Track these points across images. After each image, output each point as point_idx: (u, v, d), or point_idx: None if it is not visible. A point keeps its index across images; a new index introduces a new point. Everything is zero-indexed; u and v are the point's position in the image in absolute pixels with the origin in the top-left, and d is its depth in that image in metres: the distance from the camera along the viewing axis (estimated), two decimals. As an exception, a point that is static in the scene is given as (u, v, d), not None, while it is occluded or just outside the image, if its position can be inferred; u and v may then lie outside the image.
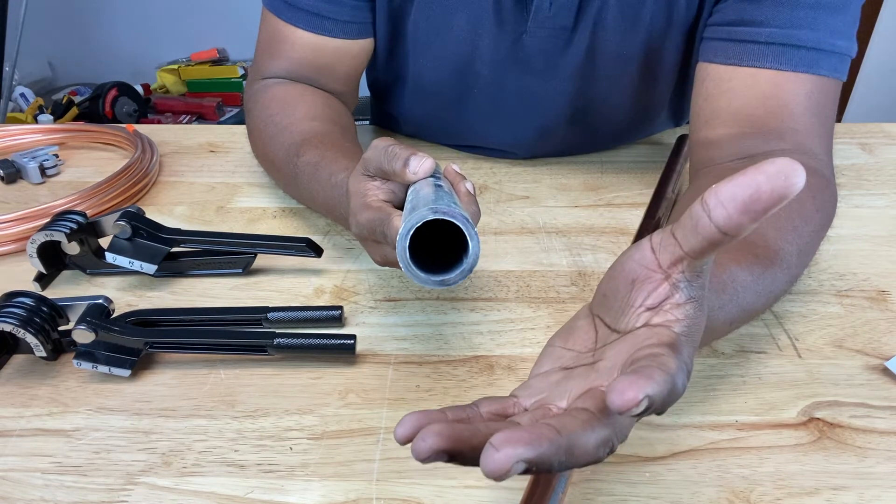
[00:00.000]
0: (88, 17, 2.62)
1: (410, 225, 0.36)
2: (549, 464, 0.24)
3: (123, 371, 0.46)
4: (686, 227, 0.28)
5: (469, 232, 0.36)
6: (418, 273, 0.37)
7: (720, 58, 0.58)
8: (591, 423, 0.26)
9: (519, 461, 0.23)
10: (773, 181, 0.24)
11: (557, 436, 0.25)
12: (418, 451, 0.25)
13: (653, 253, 0.30)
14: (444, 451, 0.25)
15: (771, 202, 0.25)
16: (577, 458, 0.25)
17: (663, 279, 0.30)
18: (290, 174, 0.61)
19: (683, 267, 0.29)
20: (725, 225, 0.26)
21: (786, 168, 0.24)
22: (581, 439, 0.25)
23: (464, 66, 0.70)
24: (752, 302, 0.42)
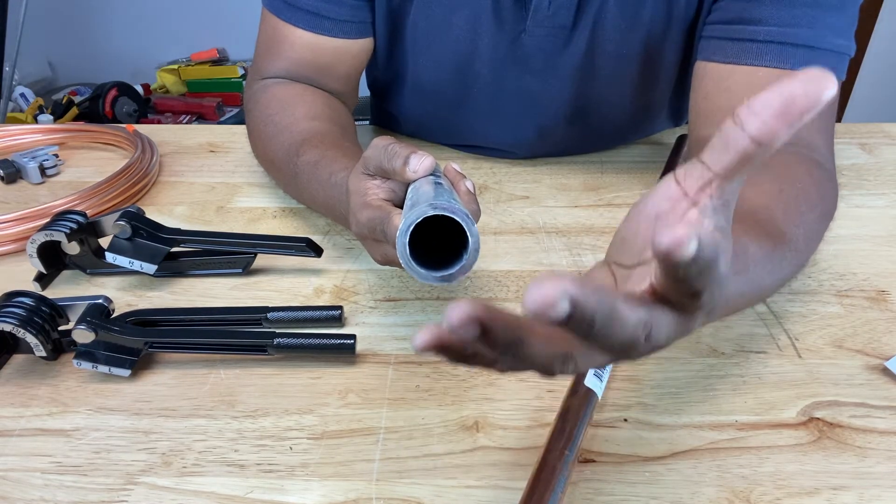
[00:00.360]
0: (88, 17, 2.62)
1: (410, 221, 0.36)
2: (592, 314, 0.22)
3: (123, 371, 0.46)
4: (716, 146, 0.27)
5: (469, 228, 0.36)
6: (419, 270, 0.37)
7: (719, 56, 0.58)
8: (630, 301, 0.25)
9: (565, 296, 0.21)
10: (807, 86, 0.24)
11: (603, 290, 0.23)
12: (450, 317, 0.22)
13: (677, 184, 0.29)
14: (478, 318, 0.22)
15: (805, 106, 0.24)
16: (617, 326, 0.24)
17: (690, 206, 0.28)
18: (290, 174, 0.61)
19: (712, 190, 0.28)
20: (760, 132, 0.25)
21: (817, 74, 0.24)
22: (623, 309, 0.24)
23: (463, 66, 0.70)
24: (762, 278, 0.41)
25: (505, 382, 0.47)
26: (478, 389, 0.46)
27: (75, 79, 2.67)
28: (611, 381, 0.46)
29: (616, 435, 0.42)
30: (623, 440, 0.42)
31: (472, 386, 0.46)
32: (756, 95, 0.25)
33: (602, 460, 0.41)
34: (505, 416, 0.44)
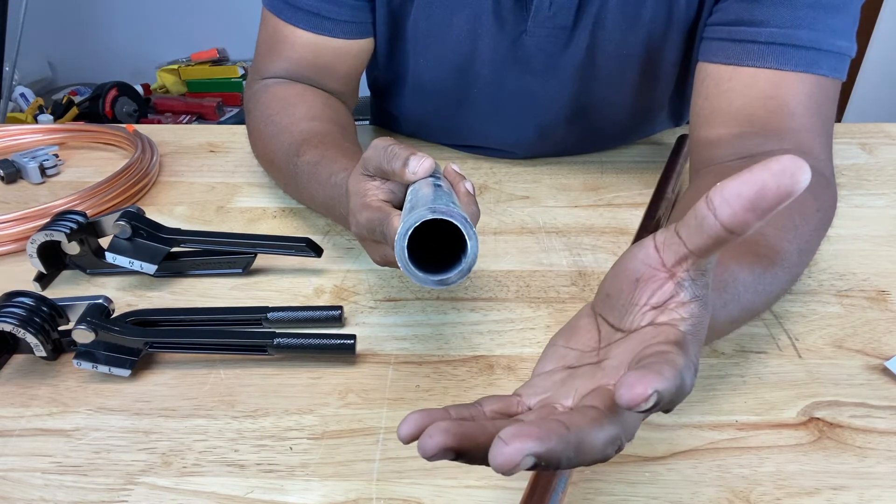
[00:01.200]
0: (88, 17, 2.62)
1: (409, 225, 0.36)
2: (558, 459, 0.24)
3: (123, 371, 0.46)
4: (691, 225, 0.28)
5: (467, 231, 0.36)
6: (417, 273, 0.37)
7: (720, 57, 0.58)
8: (599, 421, 0.26)
9: (528, 455, 0.23)
10: (779, 178, 0.24)
11: (567, 432, 0.24)
12: (425, 449, 0.25)
13: (657, 252, 0.30)
14: (451, 448, 0.25)
15: (776, 199, 0.25)
16: (586, 456, 0.25)
17: (668, 278, 0.30)
18: (289, 174, 0.61)
19: (688, 266, 0.29)
20: (731, 223, 0.26)
21: (791, 165, 0.24)
22: (590, 436, 0.25)
23: (464, 66, 0.70)
24: (752, 301, 0.42)
25: (506, 382, 0.47)
26: (478, 389, 0.46)
27: (75, 79, 2.67)
28: (611, 382, 0.46)
29: (616, 435, 0.42)
30: (623, 440, 0.42)
31: (471, 386, 0.46)
32: (728, 181, 0.26)
33: (602, 460, 0.41)
34: (505, 416, 0.44)
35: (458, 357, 0.49)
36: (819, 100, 0.56)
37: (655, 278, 0.30)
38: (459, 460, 0.25)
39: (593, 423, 0.26)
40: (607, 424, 0.26)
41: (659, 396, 0.24)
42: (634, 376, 0.24)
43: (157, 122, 2.47)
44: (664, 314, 0.30)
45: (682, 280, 0.29)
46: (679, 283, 0.29)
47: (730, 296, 0.40)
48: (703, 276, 0.29)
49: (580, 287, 0.56)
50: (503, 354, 0.49)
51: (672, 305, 0.30)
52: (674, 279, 0.29)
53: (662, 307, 0.30)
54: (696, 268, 0.29)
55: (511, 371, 0.48)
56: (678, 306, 0.29)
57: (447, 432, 0.25)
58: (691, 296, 0.29)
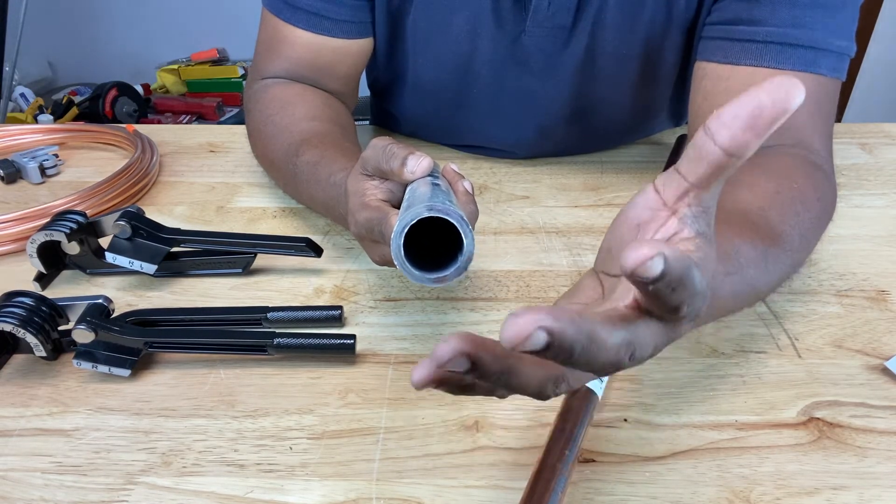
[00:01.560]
0: (88, 17, 2.62)
1: (405, 223, 0.36)
2: (571, 344, 0.22)
3: (123, 371, 0.46)
4: (690, 157, 0.27)
5: (463, 229, 0.36)
6: (413, 271, 0.37)
7: (718, 57, 0.58)
8: (612, 321, 0.25)
9: (540, 328, 0.21)
10: (774, 94, 0.24)
11: (580, 318, 0.23)
12: (439, 355, 0.23)
13: (657, 193, 0.29)
14: (465, 352, 0.24)
15: (773, 116, 0.24)
16: (599, 351, 0.24)
17: (670, 215, 0.29)
18: (289, 174, 0.61)
19: (690, 199, 0.28)
20: (730, 145, 0.25)
21: (785, 82, 0.24)
22: (603, 332, 0.24)
23: (463, 66, 0.70)
24: (756, 278, 0.41)
25: (505, 382, 0.47)
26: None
27: (75, 79, 2.67)
28: (611, 381, 0.46)
29: (616, 435, 0.42)
30: (623, 440, 0.42)
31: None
32: (724, 106, 0.25)
33: (602, 460, 0.41)
34: (505, 416, 0.44)
35: (458, 357, 0.49)
36: (818, 99, 0.56)
37: (657, 218, 0.29)
38: (472, 374, 0.24)
39: (606, 321, 0.25)
40: (620, 327, 0.25)
41: (666, 265, 0.22)
42: (639, 242, 0.23)
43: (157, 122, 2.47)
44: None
45: (684, 216, 0.29)
46: (682, 219, 0.29)
47: (733, 266, 0.39)
48: (705, 213, 0.29)
49: (580, 287, 0.56)
50: (503, 354, 0.49)
51: (676, 241, 0.29)
52: (676, 215, 0.29)
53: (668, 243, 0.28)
54: (698, 202, 0.28)
55: (511, 371, 0.47)
56: (683, 241, 0.29)
57: (462, 338, 0.24)
58: (695, 231, 0.29)
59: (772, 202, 0.47)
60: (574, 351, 0.23)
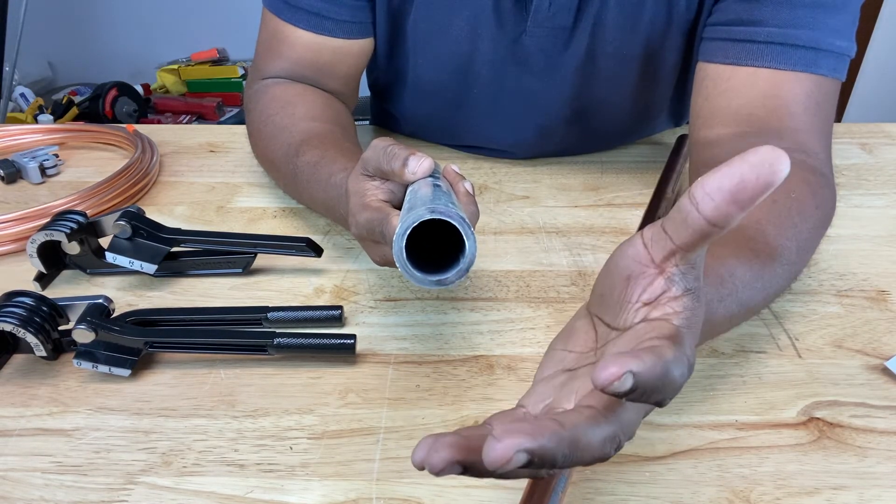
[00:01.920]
0: (88, 17, 2.62)
1: (407, 225, 0.36)
2: (553, 456, 0.24)
3: (123, 371, 0.46)
4: (676, 220, 0.28)
5: (465, 232, 0.36)
6: (415, 273, 0.37)
7: (719, 57, 0.58)
8: (596, 419, 0.26)
9: (520, 451, 0.23)
10: (758, 169, 0.24)
11: (561, 429, 0.24)
12: (432, 465, 0.25)
13: (645, 248, 0.30)
14: (456, 461, 0.25)
15: (757, 191, 0.25)
16: (583, 453, 0.25)
17: (658, 274, 0.30)
18: (289, 174, 0.61)
19: (676, 260, 0.29)
20: (713, 216, 0.26)
21: (769, 156, 0.24)
22: (587, 434, 0.25)
23: (463, 66, 0.70)
24: (751, 297, 0.42)
25: (506, 382, 0.47)
26: (478, 389, 0.46)
27: (75, 79, 2.67)
28: (611, 381, 0.46)
29: (616, 435, 0.42)
30: (623, 440, 0.42)
31: (471, 386, 0.46)
32: (709, 175, 0.26)
33: (602, 460, 0.41)
34: (505, 416, 0.44)
35: (458, 357, 0.49)
36: (818, 99, 0.56)
37: (645, 274, 0.30)
38: (468, 474, 0.25)
39: (589, 420, 0.26)
40: (604, 423, 0.26)
41: (635, 380, 0.23)
42: (610, 358, 0.24)
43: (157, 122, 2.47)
44: (657, 309, 0.30)
45: (672, 275, 0.29)
46: (669, 279, 0.29)
47: (727, 290, 0.40)
48: (693, 269, 0.29)
49: (580, 287, 0.56)
50: (503, 354, 0.49)
51: (664, 300, 0.30)
52: (663, 274, 0.30)
53: (655, 303, 0.30)
54: (685, 262, 0.29)
55: (511, 371, 0.48)
56: (670, 301, 0.29)
57: (452, 446, 0.25)
58: (683, 289, 0.29)
59: (769, 215, 0.47)
60: (557, 461, 0.24)
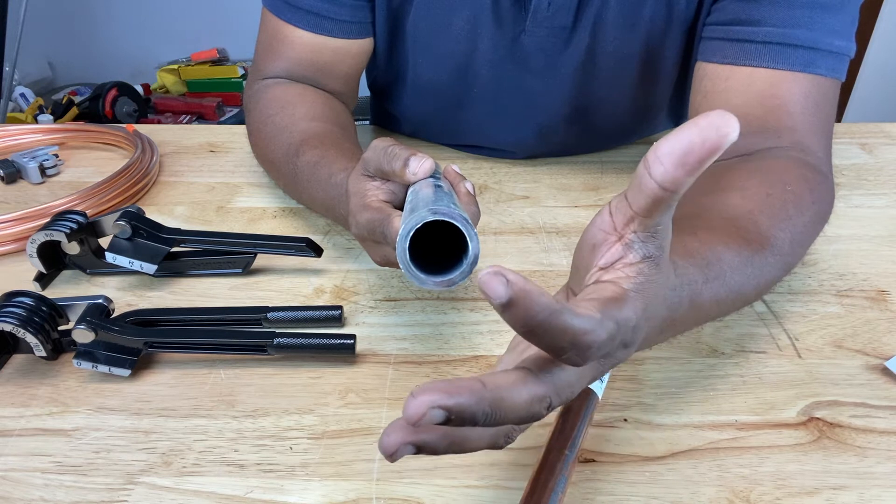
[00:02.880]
0: (88, 17, 2.62)
1: (410, 227, 0.35)
2: (472, 414, 0.24)
3: (123, 371, 0.46)
4: (633, 186, 0.28)
5: (469, 233, 0.36)
6: (418, 274, 0.37)
7: (718, 57, 0.58)
8: (524, 380, 0.27)
9: (435, 407, 0.24)
10: (705, 133, 0.25)
11: (482, 389, 0.25)
12: (384, 449, 0.25)
13: (610, 217, 0.30)
14: (408, 442, 0.25)
15: (703, 154, 0.25)
16: (507, 413, 0.26)
17: (616, 240, 0.30)
18: (289, 174, 0.61)
19: (635, 226, 0.29)
20: (664, 180, 0.26)
21: (717, 120, 0.24)
22: (511, 394, 0.26)
23: (463, 66, 0.70)
24: (741, 283, 0.42)
25: (505, 382, 0.47)
26: (478, 389, 0.46)
27: (75, 79, 2.67)
28: (611, 381, 0.46)
29: (616, 435, 0.42)
30: (623, 440, 0.42)
31: (472, 386, 0.46)
32: (661, 140, 0.26)
33: (602, 460, 0.41)
34: (505, 416, 0.44)
35: (458, 357, 0.49)
36: (817, 99, 0.56)
37: (607, 242, 0.30)
38: (421, 452, 0.26)
39: (517, 382, 0.26)
40: (533, 383, 0.27)
41: (511, 294, 0.23)
42: (489, 272, 0.24)
43: (157, 122, 2.47)
44: (608, 273, 0.30)
45: (630, 241, 0.30)
46: (627, 245, 0.30)
47: (713, 273, 0.40)
48: (654, 237, 0.29)
49: (580, 287, 0.56)
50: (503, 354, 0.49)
51: (619, 265, 0.30)
52: (622, 241, 0.30)
53: (610, 267, 0.30)
54: (644, 228, 0.29)
55: (511, 371, 0.47)
56: (624, 266, 0.30)
57: (403, 429, 0.26)
58: (641, 256, 0.29)
59: (762, 206, 0.47)
60: (477, 419, 0.25)
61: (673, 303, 0.34)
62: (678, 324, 0.37)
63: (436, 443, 0.26)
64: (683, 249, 0.39)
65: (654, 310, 0.31)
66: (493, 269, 0.24)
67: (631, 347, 0.30)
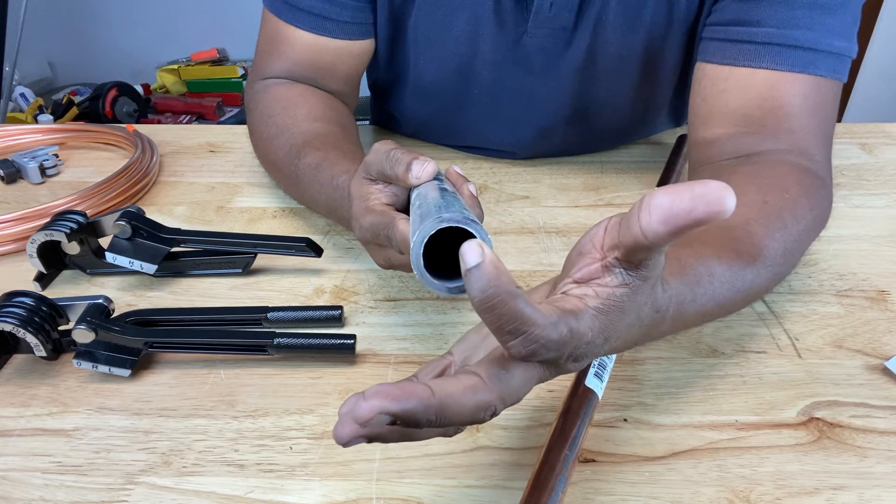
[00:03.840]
0: (88, 17, 2.62)
1: (424, 233, 0.35)
2: (417, 421, 0.26)
3: (123, 371, 0.46)
4: (626, 218, 0.28)
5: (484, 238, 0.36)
6: (433, 281, 0.37)
7: (717, 58, 0.58)
8: (473, 388, 0.27)
9: (382, 412, 0.25)
10: (696, 202, 0.24)
11: (430, 396, 0.26)
12: (337, 438, 0.26)
13: (604, 232, 0.30)
14: (360, 435, 0.26)
15: (689, 222, 0.24)
16: (452, 418, 0.26)
17: (599, 259, 0.30)
18: (291, 175, 0.61)
19: (618, 254, 0.29)
20: (646, 230, 0.26)
21: (713, 193, 0.24)
22: (457, 402, 0.26)
23: (464, 67, 0.70)
24: (728, 296, 0.42)
25: (505, 382, 0.47)
26: (478, 389, 0.46)
27: (75, 79, 2.67)
28: (611, 381, 0.46)
29: (616, 435, 0.42)
30: (623, 440, 0.42)
31: (472, 386, 0.46)
32: (662, 189, 0.26)
33: (602, 460, 0.41)
34: (505, 415, 0.44)
35: (458, 357, 0.49)
36: (816, 100, 0.56)
37: (591, 256, 0.30)
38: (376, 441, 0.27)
39: (465, 390, 0.27)
40: (481, 391, 0.27)
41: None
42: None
43: (157, 122, 2.47)
44: (579, 288, 0.30)
45: (610, 265, 0.29)
46: (607, 267, 0.29)
47: (703, 290, 0.39)
48: (638, 269, 0.29)
49: (580, 287, 0.56)
50: (503, 354, 0.49)
51: (592, 284, 0.30)
52: (603, 262, 0.30)
53: (583, 284, 0.30)
54: (626, 259, 0.29)
55: (511, 371, 0.47)
56: (597, 286, 0.30)
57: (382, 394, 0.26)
58: (619, 282, 0.29)
59: (759, 215, 0.47)
60: (422, 425, 0.26)
61: (655, 320, 0.34)
62: (657, 335, 0.37)
63: (386, 436, 0.27)
64: (678, 266, 0.38)
65: (619, 331, 0.31)
66: (475, 242, 0.26)
67: (581, 362, 0.30)
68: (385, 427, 0.26)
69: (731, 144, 0.57)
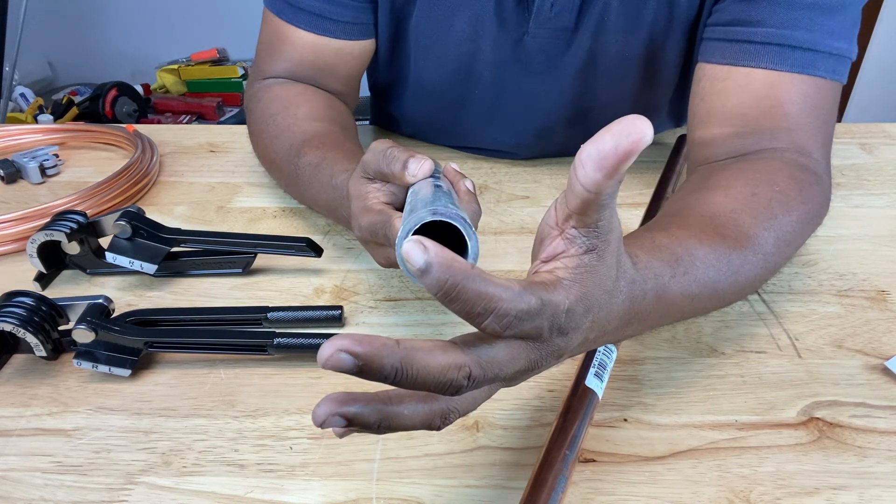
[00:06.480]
0: (88, 17, 2.62)
1: (409, 227, 0.36)
2: (381, 366, 0.26)
3: (123, 371, 0.46)
4: (568, 186, 0.29)
5: (467, 232, 0.36)
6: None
7: (717, 58, 0.58)
8: (444, 348, 0.27)
9: (343, 351, 0.25)
10: (617, 139, 0.25)
11: (395, 345, 0.26)
12: (314, 419, 0.27)
13: (555, 212, 0.31)
14: (336, 414, 0.27)
15: (618, 159, 0.25)
16: (419, 373, 0.27)
17: (558, 234, 0.31)
18: (291, 175, 0.61)
19: (573, 222, 0.30)
20: (585, 182, 0.27)
21: (628, 126, 0.25)
22: (425, 357, 0.27)
23: (465, 67, 0.70)
24: (715, 279, 0.42)
25: (505, 382, 0.47)
26: (478, 389, 0.46)
27: (75, 79, 2.67)
28: (611, 381, 0.46)
29: (616, 435, 0.42)
30: (623, 440, 0.42)
31: (472, 386, 0.46)
32: (586, 144, 0.27)
33: (602, 460, 0.41)
34: (505, 415, 0.44)
35: (458, 357, 0.49)
36: (815, 101, 0.56)
37: (551, 236, 0.31)
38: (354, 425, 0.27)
39: (434, 347, 0.27)
40: (451, 351, 0.27)
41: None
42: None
43: (157, 122, 2.47)
44: (548, 265, 0.31)
45: (571, 236, 0.30)
46: (569, 239, 0.30)
47: (682, 268, 0.39)
48: (596, 230, 0.30)
49: (580, 287, 0.56)
50: (503, 354, 0.49)
51: (560, 258, 0.30)
52: (563, 235, 0.30)
53: (551, 261, 0.31)
54: (582, 225, 0.30)
55: (511, 371, 0.47)
56: (565, 258, 0.30)
57: (334, 400, 0.27)
58: (585, 248, 0.30)
59: (746, 205, 0.47)
60: (387, 372, 0.26)
61: (635, 295, 0.34)
62: (645, 317, 0.37)
63: (366, 416, 0.27)
64: (651, 244, 0.39)
65: (599, 299, 0.31)
66: (414, 239, 0.26)
67: (569, 336, 0.30)
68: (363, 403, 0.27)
69: (729, 144, 0.57)
